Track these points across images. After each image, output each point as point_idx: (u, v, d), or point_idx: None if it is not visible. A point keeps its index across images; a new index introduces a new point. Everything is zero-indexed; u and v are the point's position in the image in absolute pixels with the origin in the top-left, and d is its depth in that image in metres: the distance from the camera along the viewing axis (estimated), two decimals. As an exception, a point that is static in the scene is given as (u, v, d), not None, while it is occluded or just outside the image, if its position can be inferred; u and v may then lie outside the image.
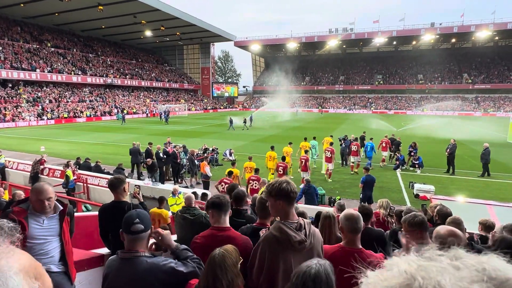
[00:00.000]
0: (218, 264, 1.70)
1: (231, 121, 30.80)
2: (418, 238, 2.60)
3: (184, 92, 71.07)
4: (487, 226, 4.02)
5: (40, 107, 39.14)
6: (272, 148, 13.01)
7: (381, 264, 0.54)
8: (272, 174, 12.49)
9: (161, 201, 6.87)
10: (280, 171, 10.92)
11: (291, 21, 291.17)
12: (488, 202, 8.19)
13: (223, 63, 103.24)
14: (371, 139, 15.50)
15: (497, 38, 63.73)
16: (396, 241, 3.15)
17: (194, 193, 7.46)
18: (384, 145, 15.43)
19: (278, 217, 2.08)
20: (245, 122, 32.13)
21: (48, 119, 37.66)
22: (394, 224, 4.59)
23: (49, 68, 43.84)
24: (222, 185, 9.08)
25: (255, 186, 9.23)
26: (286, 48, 78.13)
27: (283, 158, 11.51)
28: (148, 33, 58.21)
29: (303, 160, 12.00)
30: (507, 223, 3.34)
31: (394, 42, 70.98)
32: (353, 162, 14.42)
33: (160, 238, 2.13)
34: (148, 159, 11.97)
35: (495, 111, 56.06)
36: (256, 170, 10.13)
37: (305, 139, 14.68)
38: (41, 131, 29.51)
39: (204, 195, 7.35)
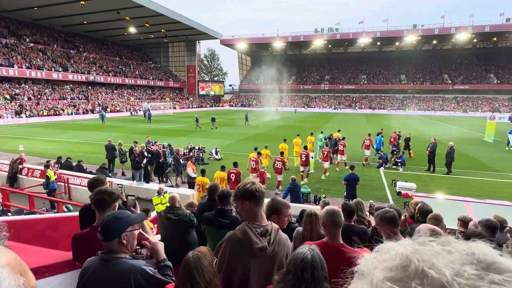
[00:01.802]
0: (194, 267, 1.69)
1: (197, 120, 31.60)
2: (389, 233, 2.67)
3: (169, 90, 70.11)
4: (465, 222, 4.17)
5: (18, 104, 37.75)
6: (285, 140, 14.57)
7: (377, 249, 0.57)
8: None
9: (222, 168, 9.48)
10: (303, 159, 12.18)
11: (280, 20, 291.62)
12: (465, 199, 8.44)
13: (209, 62, 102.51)
14: (382, 134, 16.96)
15: (475, 40, 66.00)
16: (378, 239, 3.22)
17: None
18: (392, 140, 16.85)
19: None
20: (213, 120, 32.89)
21: (26, 116, 36.38)
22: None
23: (27, 64, 42.27)
24: (250, 163, 10.90)
25: (279, 166, 11.00)
26: (272, 47, 78.25)
27: (305, 147, 12.84)
28: (132, 29, 57.00)
29: (325, 152, 13.23)
30: (481, 219, 3.48)
31: (378, 43, 72.42)
32: (368, 155, 15.86)
33: (152, 247, 2.12)
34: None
35: (474, 111, 58.07)
36: (281, 153, 11.48)
37: (312, 134, 16.34)
38: (19, 129, 28.44)
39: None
